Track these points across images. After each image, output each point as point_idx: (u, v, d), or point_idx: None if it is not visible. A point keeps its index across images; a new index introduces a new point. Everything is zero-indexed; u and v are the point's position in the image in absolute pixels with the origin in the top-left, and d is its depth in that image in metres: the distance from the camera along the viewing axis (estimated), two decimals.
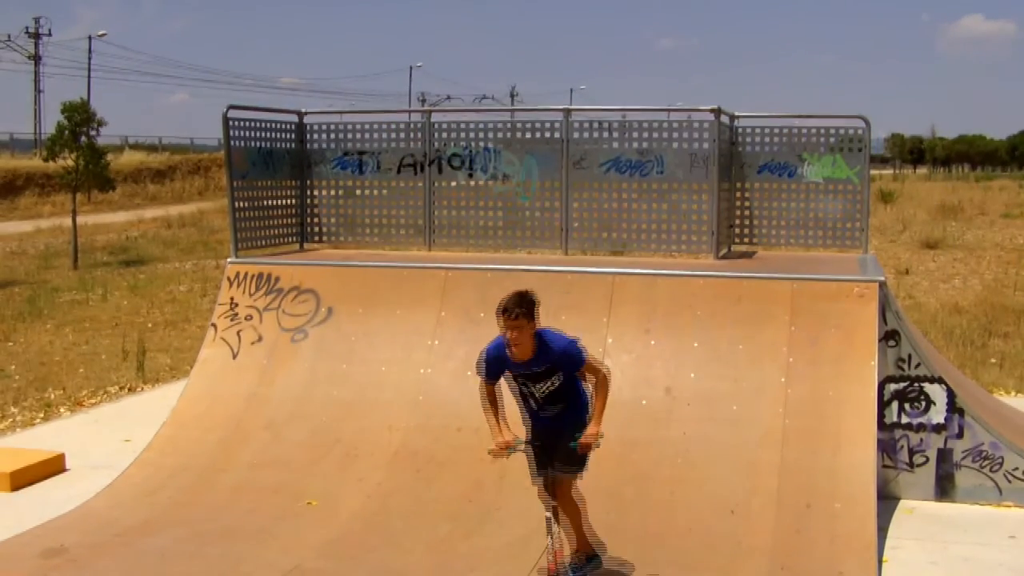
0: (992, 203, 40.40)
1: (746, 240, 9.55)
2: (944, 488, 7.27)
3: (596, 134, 9.10)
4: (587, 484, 6.73)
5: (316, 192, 9.83)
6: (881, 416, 7.15)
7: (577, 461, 5.49)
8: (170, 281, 21.10)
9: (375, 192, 9.74)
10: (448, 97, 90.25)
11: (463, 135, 9.43)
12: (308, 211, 9.85)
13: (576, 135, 9.07)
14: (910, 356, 7.31)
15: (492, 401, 5.51)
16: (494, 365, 5.48)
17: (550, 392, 5.47)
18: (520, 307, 5.32)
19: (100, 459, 8.09)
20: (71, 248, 24.81)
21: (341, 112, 10.38)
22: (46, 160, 26.39)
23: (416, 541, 6.31)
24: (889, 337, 7.29)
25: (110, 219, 37.44)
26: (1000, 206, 38.90)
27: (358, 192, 9.78)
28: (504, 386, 5.58)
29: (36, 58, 66.07)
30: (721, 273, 7.80)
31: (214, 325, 8.29)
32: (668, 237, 8.99)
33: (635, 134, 9.00)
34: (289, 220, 9.71)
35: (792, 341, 7.16)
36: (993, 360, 12.12)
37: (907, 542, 6.49)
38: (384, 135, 9.63)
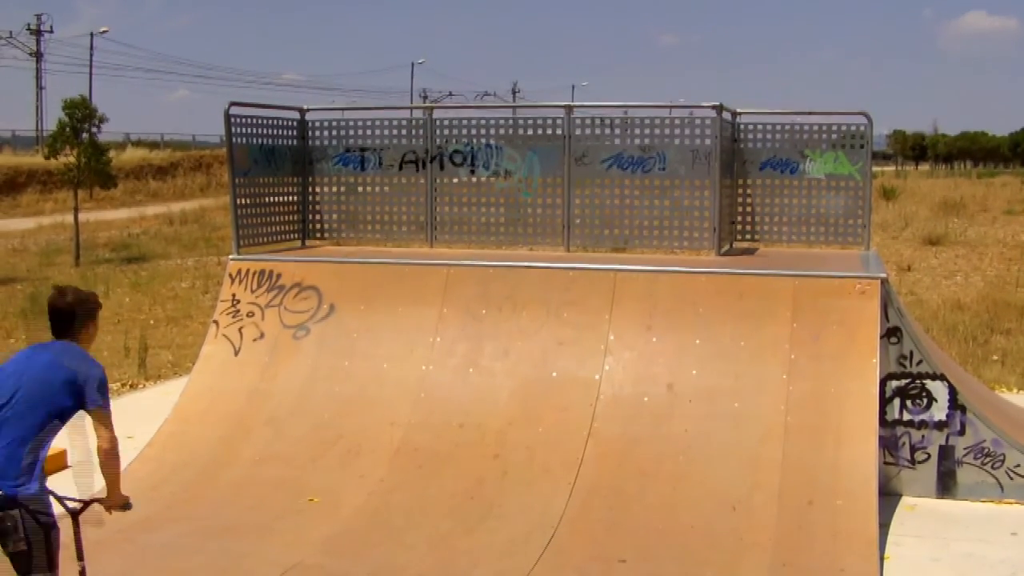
0: (994, 200, 40.33)
1: (748, 237, 9.55)
2: (946, 485, 7.27)
3: (598, 131, 9.10)
4: (589, 480, 6.76)
5: (318, 189, 9.83)
6: (883, 413, 7.14)
7: None
8: (172, 278, 21.12)
9: (377, 189, 9.74)
10: (450, 94, 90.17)
11: (465, 132, 9.43)
12: (310, 208, 9.85)
13: (578, 132, 9.07)
14: (912, 353, 7.31)
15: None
16: None
17: None
18: None
19: None
20: (73, 245, 24.83)
21: (343, 109, 10.37)
22: (48, 157, 26.38)
23: (418, 537, 6.32)
24: (891, 334, 7.28)
25: (112, 216, 37.42)
26: (1002, 203, 38.82)
27: (360, 189, 9.78)
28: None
29: (38, 55, 66.09)
30: (723, 270, 7.81)
31: (216, 322, 8.30)
32: (670, 234, 8.99)
33: (637, 131, 9.00)
34: (291, 217, 9.72)
35: (794, 337, 7.16)
36: (995, 357, 12.11)
37: (909, 539, 6.50)
38: (386, 132, 9.63)
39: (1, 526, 4.17)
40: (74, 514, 4.51)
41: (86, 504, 4.53)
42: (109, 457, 4.44)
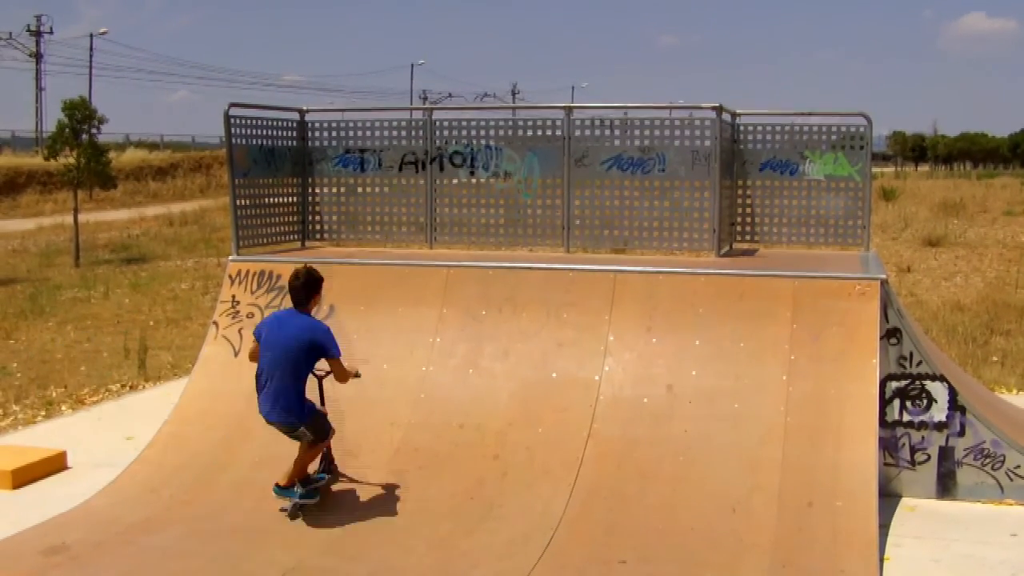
0: (994, 200, 40.37)
1: (748, 238, 9.55)
2: (946, 486, 7.27)
3: (598, 132, 9.10)
4: (588, 481, 6.77)
5: (318, 190, 9.83)
6: (883, 414, 7.14)
7: None
8: (172, 279, 21.12)
9: (377, 190, 9.74)
10: (450, 95, 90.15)
11: (465, 133, 9.43)
12: (310, 209, 9.85)
13: (578, 133, 9.07)
14: (911, 354, 7.31)
15: None
16: None
17: None
18: None
19: (102, 457, 8.10)
20: (73, 246, 24.82)
21: (343, 110, 10.37)
22: (47, 158, 26.37)
23: (417, 539, 6.31)
24: (891, 335, 7.28)
25: (112, 217, 37.43)
26: (1002, 203, 38.86)
27: (359, 190, 9.78)
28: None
29: (38, 56, 66.09)
30: (723, 271, 7.80)
31: (215, 323, 8.29)
32: (670, 235, 8.99)
33: (637, 132, 9.00)
34: (291, 218, 9.72)
35: (794, 338, 7.16)
36: (995, 358, 12.11)
37: (909, 540, 6.50)
38: (386, 133, 9.64)
39: (296, 434, 6.55)
40: (320, 378, 6.86)
41: (327, 373, 6.77)
42: (348, 374, 6.65)
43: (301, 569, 5.95)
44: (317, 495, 6.70)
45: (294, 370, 6.39)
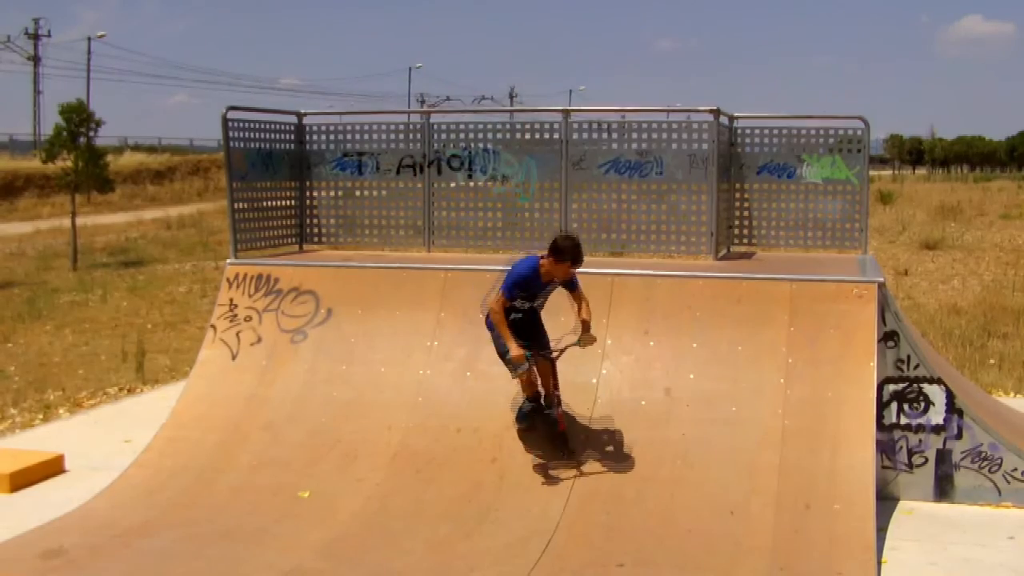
0: (991, 204, 40.45)
1: (745, 241, 9.55)
2: (943, 489, 7.27)
3: (595, 135, 9.10)
4: (586, 484, 6.77)
5: (315, 193, 9.83)
6: (880, 417, 7.15)
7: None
8: (169, 282, 21.11)
9: (374, 193, 9.74)
10: (447, 98, 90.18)
11: (462, 136, 9.43)
12: (307, 212, 9.85)
13: (575, 136, 9.08)
14: (909, 357, 7.32)
15: (504, 317, 6.83)
16: (521, 286, 6.83)
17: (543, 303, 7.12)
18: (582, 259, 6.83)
19: (99, 460, 8.09)
20: (70, 249, 24.79)
21: (340, 113, 10.45)
22: (45, 161, 26.36)
23: (416, 541, 6.31)
24: (888, 338, 7.29)
25: (109, 220, 37.44)
26: (999, 207, 38.93)
27: (357, 193, 9.78)
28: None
29: (35, 59, 66.15)
30: (720, 274, 7.81)
31: (213, 326, 8.29)
32: (667, 238, 8.99)
33: (634, 135, 9.01)
34: (288, 221, 9.72)
35: (791, 342, 7.17)
36: (992, 361, 12.12)
37: (906, 543, 6.50)
38: (383, 136, 9.64)
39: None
40: (552, 361, 7.00)
41: (562, 351, 7.01)
42: (490, 306, 6.90)
43: (299, 571, 5.95)
44: (523, 420, 7.05)
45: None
